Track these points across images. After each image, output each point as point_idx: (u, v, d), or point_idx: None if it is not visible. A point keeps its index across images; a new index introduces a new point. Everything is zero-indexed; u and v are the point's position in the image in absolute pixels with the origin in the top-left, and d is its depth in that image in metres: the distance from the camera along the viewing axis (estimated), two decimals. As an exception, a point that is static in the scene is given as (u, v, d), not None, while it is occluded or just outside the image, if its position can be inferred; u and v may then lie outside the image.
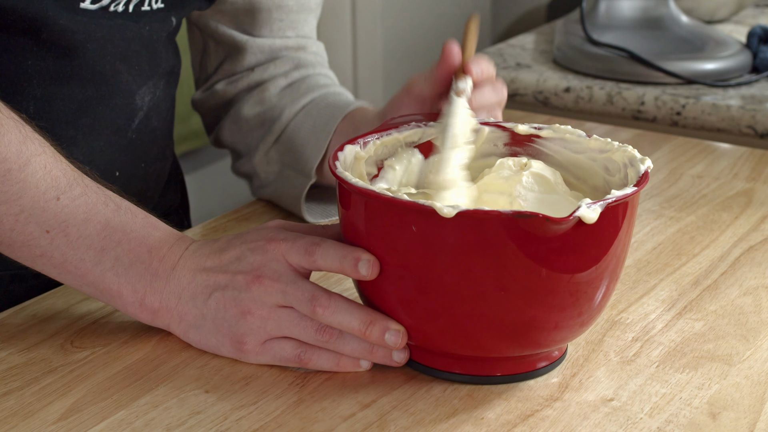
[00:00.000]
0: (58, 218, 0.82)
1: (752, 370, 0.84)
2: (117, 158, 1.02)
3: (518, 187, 0.85)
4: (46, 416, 0.77)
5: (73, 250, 0.83)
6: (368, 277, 0.79)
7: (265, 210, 1.12)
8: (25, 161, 0.81)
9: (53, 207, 0.82)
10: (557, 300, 0.78)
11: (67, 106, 0.97)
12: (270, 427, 0.77)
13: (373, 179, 0.88)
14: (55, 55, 0.95)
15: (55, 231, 0.83)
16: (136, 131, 1.03)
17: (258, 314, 0.81)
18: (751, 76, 1.56)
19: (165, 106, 1.08)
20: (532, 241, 0.74)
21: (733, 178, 1.22)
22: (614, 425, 0.77)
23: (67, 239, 0.83)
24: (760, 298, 0.96)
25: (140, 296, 0.84)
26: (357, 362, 0.82)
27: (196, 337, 0.84)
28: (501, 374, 0.82)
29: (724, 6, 1.86)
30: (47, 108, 0.96)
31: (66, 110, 0.97)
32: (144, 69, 1.02)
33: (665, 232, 1.09)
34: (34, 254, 0.84)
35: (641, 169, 0.81)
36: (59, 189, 0.83)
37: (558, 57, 1.64)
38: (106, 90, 0.99)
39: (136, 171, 1.06)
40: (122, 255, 0.83)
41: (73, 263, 0.83)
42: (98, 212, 0.84)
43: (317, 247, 0.80)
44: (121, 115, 1.01)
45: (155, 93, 1.05)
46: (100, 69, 0.98)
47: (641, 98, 1.51)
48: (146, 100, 1.03)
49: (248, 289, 0.81)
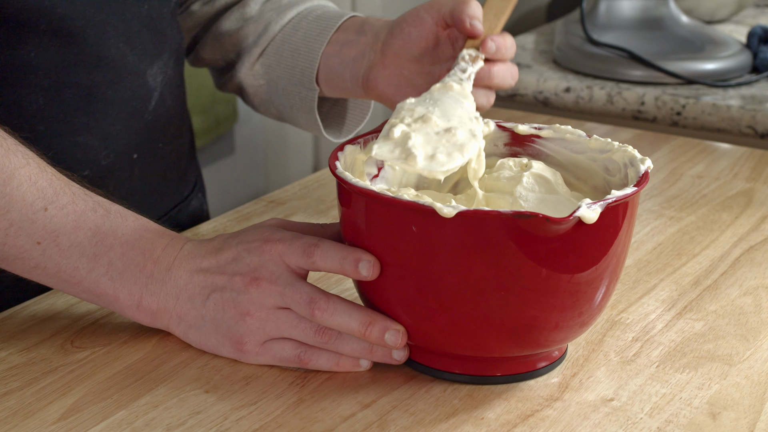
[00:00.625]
0: (48, 229, 0.82)
1: (752, 370, 0.84)
2: (134, 141, 1.02)
3: (519, 188, 0.85)
4: (46, 416, 0.77)
5: (66, 259, 0.83)
6: (369, 278, 0.79)
7: (266, 210, 1.12)
8: (9, 175, 0.81)
9: (42, 218, 0.82)
10: (557, 300, 0.78)
11: (77, 93, 0.97)
12: (270, 427, 0.77)
13: (373, 179, 0.88)
14: (58, 44, 0.94)
15: (47, 242, 0.82)
16: (153, 112, 1.03)
17: (257, 316, 0.81)
18: (751, 76, 1.56)
19: (176, 84, 1.07)
20: (532, 241, 0.74)
21: (733, 178, 1.22)
22: (614, 425, 0.77)
23: (58, 249, 0.83)
24: (760, 298, 0.96)
25: (137, 299, 0.84)
26: (357, 362, 0.82)
27: (196, 338, 0.84)
28: (501, 374, 0.82)
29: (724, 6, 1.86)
30: (57, 97, 0.96)
31: (76, 97, 0.97)
32: (149, 49, 1.01)
33: (665, 232, 1.09)
34: (29, 266, 0.84)
35: (641, 170, 0.81)
36: (46, 199, 0.82)
37: (558, 57, 1.64)
38: (113, 74, 0.98)
39: (155, 151, 1.05)
40: (115, 259, 0.83)
41: (68, 272, 0.83)
42: (87, 219, 0.83)
43: (316, 248, 0.80)
44: (134, 98, 1.01)
45: (166, 72, 1.04)
46: (104, 53, 0.97)
47: (641, 98, 1.51)
48: (159, 81, 1.03)
49: (246, 291, 0.81)
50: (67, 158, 0.94)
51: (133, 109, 1.01)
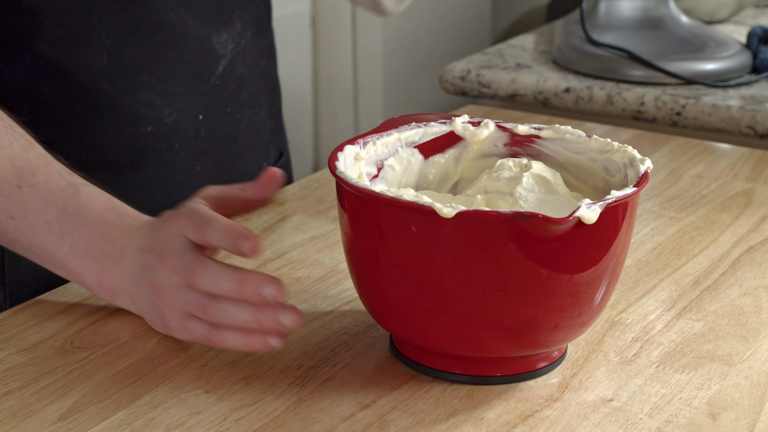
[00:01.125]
0: (20, 205, 0.86)
1: (752, 371, 0.84)
2: (199, 102, 1.07)
3: (518, 188, 0.85)
4: (46, 416, 0.77)
5: (37, 235, 0.87)
6: (251, 257, 0.78)
7: (266, 209, 1.12)
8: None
9: (16, 195, 0.87)
10: (557, 300, 0.78)
11: (138, 54, 1.02)
12: (270, 427, 0.77)
13: (373, 179, 0.88)
14: (119, 7, 1.01)
15: (20, 218, 0.87)
16: (221, 78, 1.08)
17: (166, 292, 0.81)
18: (751, 77, 1.57)
19: (254, 55, 1.12)
20: (531, 241, 0.74)
21: (733, 179, 1.22)
22: (614, 426, 0.77)
23: (30, 225, 0.86)
24: (760, 299, 0.96)
25: (97, 278, 0.86)
26: (264, 340, 0.79)
27: (147, 318, 0.85)
28: (501, 374, 0.82)
29: (724, 6, 1.86)
30: (119, 57, 1.02)
31: (138, 58, 1.03)
32: (212, 15, 1.06)
33: (665, 232, 1.09)
34: (9, 239, 0.88)
35: (641, 170, 0.81)
36: (22, 178, 0.87)
37: (558, 57, 1.64)
38: (173, 37, 1.04)
39: (223, 116, 1.10)
40: (78, 239, 0.86)
41: (39, 247, 0.87)
42: (57, 198, 0.87)
43: (207, 226, 0.80)
44: (198, 61, 1.06)
45: (239, 42, 1.09)
46: (164, 18, 1.03)
47: (641, 98, 1.51)
48: (228, 49, 1.08)
49: (158, 267, 0.82)
50: (130, 114, 1.02)
51: (197, 72, 1.06)
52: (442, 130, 0.91)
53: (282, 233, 1.07)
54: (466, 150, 0.91)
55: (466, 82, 1.62)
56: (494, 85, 1.60)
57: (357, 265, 0.82)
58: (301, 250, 1.03)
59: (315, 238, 1.05)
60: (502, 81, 1.59)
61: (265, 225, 1.08)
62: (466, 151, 0.91)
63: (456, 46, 2.84)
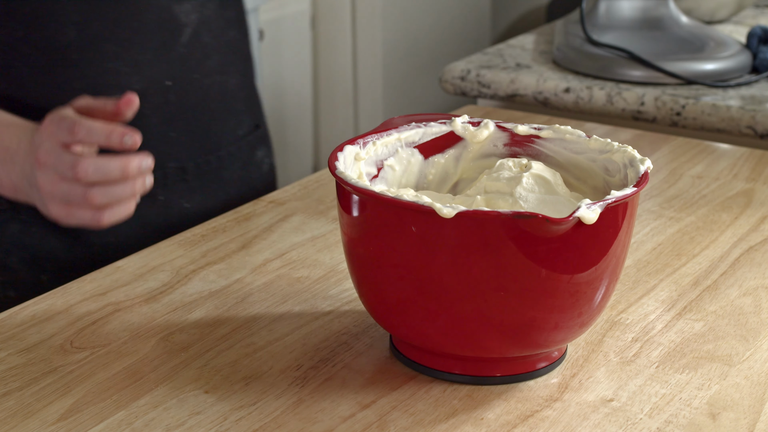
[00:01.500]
0: None
1: (752, 371, 0.84)
2: (166, 69, 1.13)
3: (518, 188, 0.85)
4: (46, 416, 0.77)
5: None
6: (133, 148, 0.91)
7: (266, 210, 1.12)
8: None
9: None
10: (557, 300, 0.78)
11: (104, 26, 1.09)
12: (270, 427, 0.77)
13: (373, 179, 0.88)
14: None
15: None
16: (186, 46, 1.14)
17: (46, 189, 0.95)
18: (750, 77, 1.56)
19: (218, 25, 1.18)
20: (531, 241, 0.74)
21: (733, 179, 1.22)
22: (614, 426, 0.77)
23: None
24: (760, 299, 0.96)
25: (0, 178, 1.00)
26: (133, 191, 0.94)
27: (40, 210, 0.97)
28: (501, 374, 0.82)
29: (724, 6, 1.86)
30: (86, 29, 1.08)
31: (103, 29, 1.09)
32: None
33: (665, 232, 1.09)
34: None
35: (641, 170, 0.81)
36: None
37: (558, 57, 1.64)
38: (135, 7, 1.10)
39: (191, 82, 1.16)
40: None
41: None
42: None
43: (79, 126, 0.92)
44: (162, 30, 1.12)
45: (202, 12, 1.15)
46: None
47: (641, 99, 1.51)
48: (192, 18, 1.14)
49: (36, 168, 0.95)
50: (99, 83, 1.08)
51: (162, 40, 1.12)
52: (442, 130, 0.91)
53: (282, 233, 1.07)
54: (466, 150, 0.91)
55: (466, 82, 1.62)
56: (494, 85, 1.60)
57: (357, 265, 0.82)
58: (301, 250, 1.03)
59: (315, 238, 1.05)
60: (501, 81, 1.59)
61: (265, 225, 1.08)
62: (466, 152, 0.91)
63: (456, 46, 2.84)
